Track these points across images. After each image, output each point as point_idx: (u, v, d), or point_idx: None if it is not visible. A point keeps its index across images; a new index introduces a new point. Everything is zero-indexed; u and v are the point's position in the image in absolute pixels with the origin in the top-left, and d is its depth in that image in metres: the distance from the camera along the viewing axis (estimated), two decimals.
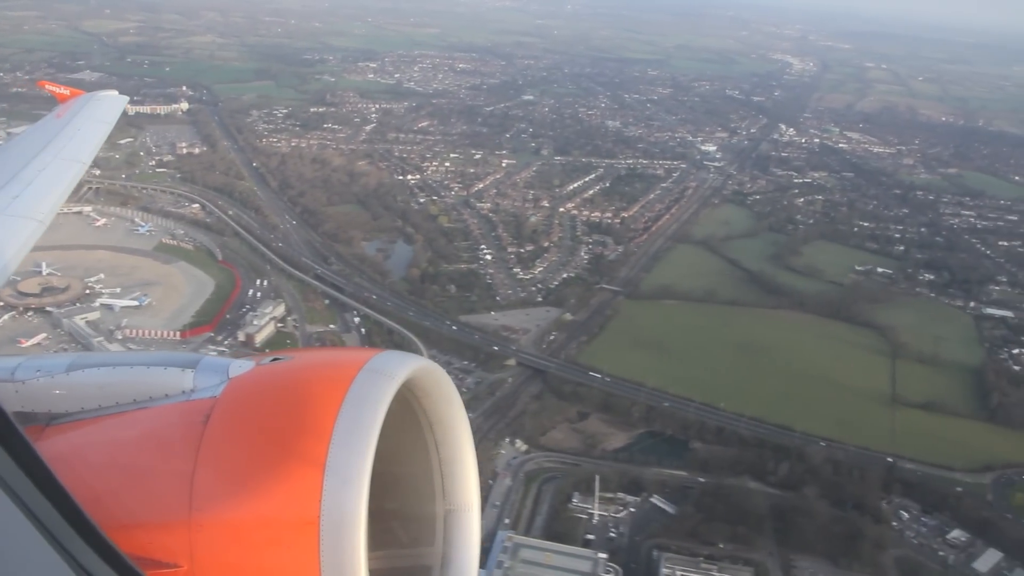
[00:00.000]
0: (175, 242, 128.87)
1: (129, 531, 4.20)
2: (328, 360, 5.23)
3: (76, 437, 5.01)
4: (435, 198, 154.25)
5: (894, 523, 77.86)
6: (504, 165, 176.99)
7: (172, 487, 4.32)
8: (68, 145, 15.78)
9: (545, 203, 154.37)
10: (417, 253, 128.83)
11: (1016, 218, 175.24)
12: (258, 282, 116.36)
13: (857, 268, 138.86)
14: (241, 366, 5.02)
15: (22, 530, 2.82)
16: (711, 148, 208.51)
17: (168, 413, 4.86)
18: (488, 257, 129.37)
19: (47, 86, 21.52)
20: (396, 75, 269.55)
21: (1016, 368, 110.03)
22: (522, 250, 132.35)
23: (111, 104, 19.69)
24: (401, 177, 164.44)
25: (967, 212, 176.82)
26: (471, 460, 5.33)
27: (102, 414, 5.10)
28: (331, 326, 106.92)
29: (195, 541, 4.19)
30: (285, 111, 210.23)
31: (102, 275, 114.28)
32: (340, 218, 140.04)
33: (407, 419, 5.12)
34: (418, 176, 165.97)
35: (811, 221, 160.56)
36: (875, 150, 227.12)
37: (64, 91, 20.59)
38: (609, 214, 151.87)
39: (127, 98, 21.29)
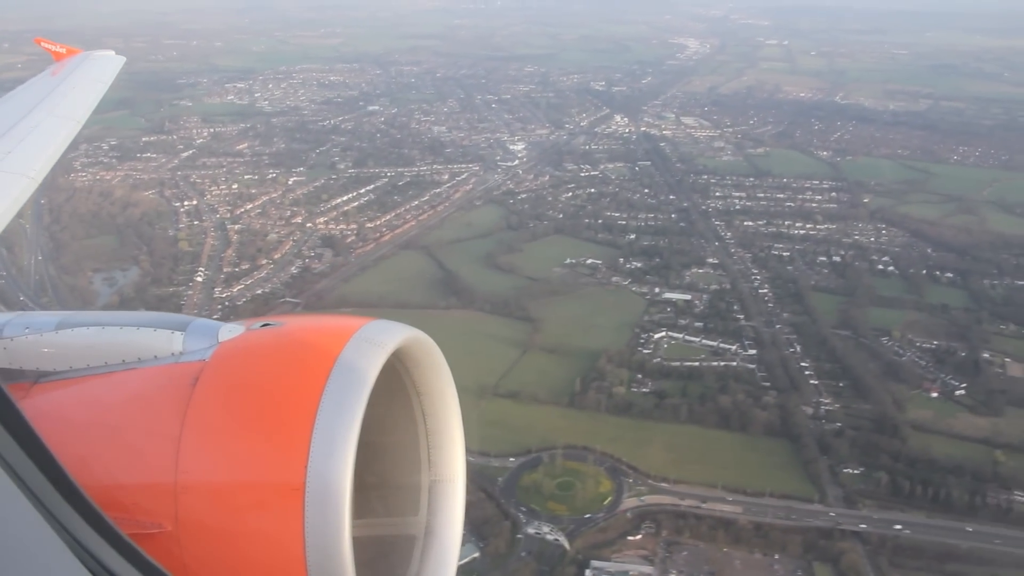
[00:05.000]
0: None
1: (113, 492, 4.30)
2: (318, 327, 5.21)
3: (63, 396, 5.04)
4: (195, 223, 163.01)
5: None
6: (290, 183, 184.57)
7: (158, 449, 4.39)
8: (63, 103, 15.92)
9: (298, 219, 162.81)
10: (137, 280, 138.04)
11: (784, 196, 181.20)
12: None
13: (567, 261, 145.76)
14: (231, 330, 5.06)
15: (2, 488, 2.74)
16: (519, 147, 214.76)
17: (156, 375, 4.91)
18: (199, 278, 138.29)
19: (43, 43, 21.34)
20: (256, 94, 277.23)
21: (646, 351, 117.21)
22: (237, 269, 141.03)
23: (108, 64, 19.77)
24: (177, 204, 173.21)
25: (738, 194, 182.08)
26: (458, 432, 5.43)
27: (90, 374, 5.10)
28: None
29: (180, 504, 4.28)
30: (114, 143, 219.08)
31: None
32: (85, 250, 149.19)
33: (395, 388, 5.24)
34: (195, 202, 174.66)
35: (560, 216, 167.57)
36: (698, 135, 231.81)
37: (60, 49, 20.69)
38: (354, 226, 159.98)
39: (124, 59, 21.27)
